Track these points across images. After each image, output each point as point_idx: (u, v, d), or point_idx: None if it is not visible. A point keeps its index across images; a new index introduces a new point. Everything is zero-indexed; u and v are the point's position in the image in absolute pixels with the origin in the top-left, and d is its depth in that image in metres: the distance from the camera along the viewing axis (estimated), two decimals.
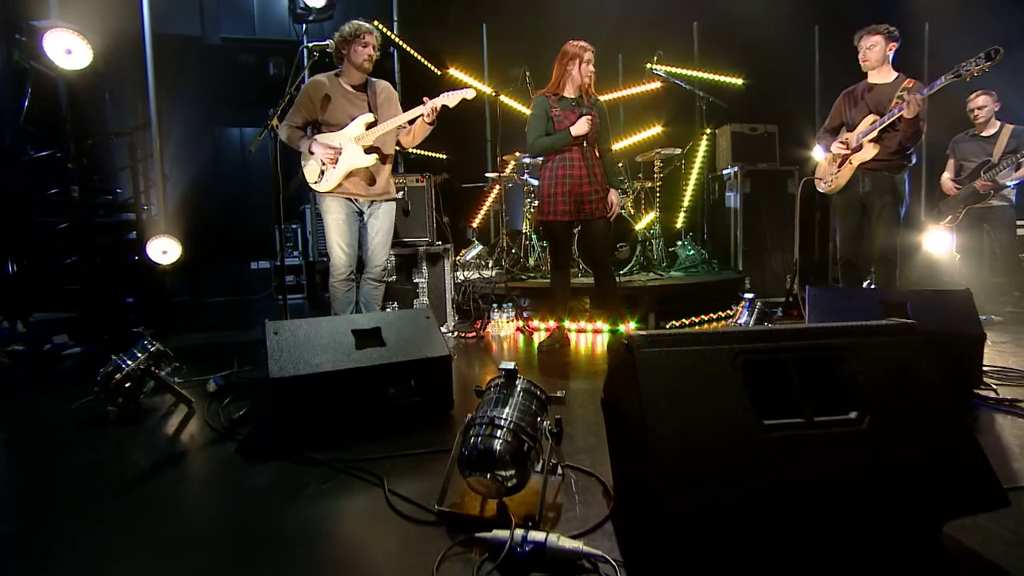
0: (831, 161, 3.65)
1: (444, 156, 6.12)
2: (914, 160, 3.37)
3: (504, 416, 1.40)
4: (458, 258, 5.14)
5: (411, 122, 3.11)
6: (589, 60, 3.25)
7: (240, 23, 5.89)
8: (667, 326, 4.03)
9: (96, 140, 4.65)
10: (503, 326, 4.02)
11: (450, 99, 2.99)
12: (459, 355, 3.47)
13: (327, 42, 2.91)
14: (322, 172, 3.08)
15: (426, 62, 5.98)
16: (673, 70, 5.43)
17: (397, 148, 3.34)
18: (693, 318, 4.23)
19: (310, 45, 2.82)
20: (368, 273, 3.32)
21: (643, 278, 4.53)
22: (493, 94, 5.38)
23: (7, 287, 4.58)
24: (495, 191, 6.41)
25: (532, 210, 5.34)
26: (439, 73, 5.99)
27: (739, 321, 2.64)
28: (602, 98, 3.45)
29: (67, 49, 3.41)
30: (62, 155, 4.03)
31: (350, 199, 3.16)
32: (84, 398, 2.39)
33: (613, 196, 3.34)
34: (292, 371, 1.90)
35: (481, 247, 5.22)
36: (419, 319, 2.24)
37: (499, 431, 1.36)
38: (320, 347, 2.00)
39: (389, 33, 5.50)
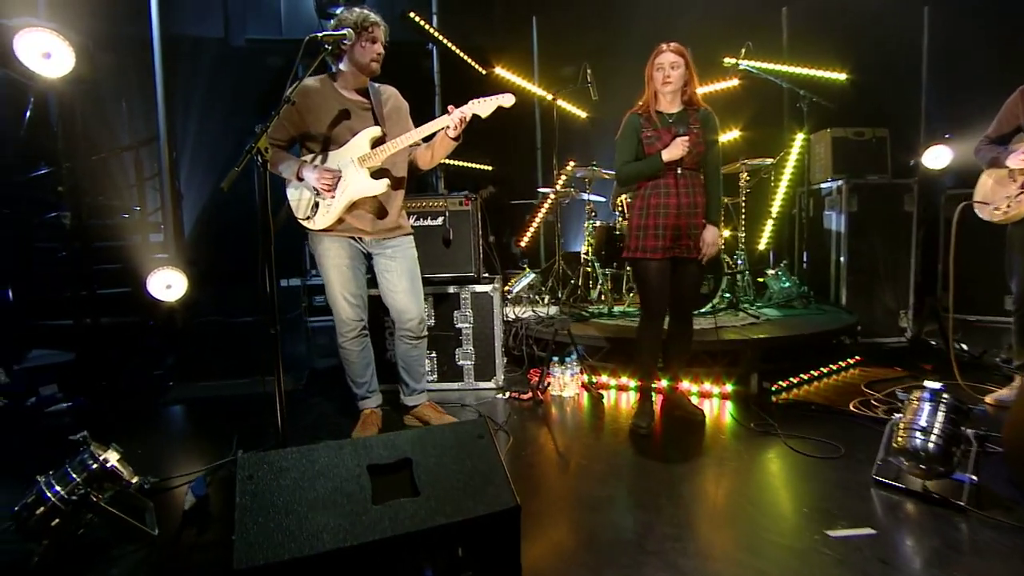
0: (1004, 180, 2.75)
1: (491, 167, 5.39)
2: None
3: None
4: (506, 289, 4.40)
5: (430, 135, 2.39)
6: (662, 65, 2.48)
7: (266, 23, 5.35)
8: (773, 388, 3.18)
9: (102, 156, 4.12)
10: (566, 384, 3.25)
11: (483, 107, 2.25)
12: (512, 428, 2.72)
13: (344, 31, 2.21)
14: (316, 204, 2.38)
15: (470, 60, 5.26)
16: (763, 65, 4.53)
17: (419, 170, 2.61)
18: (802, 375, 3.36)
19: (320, 35, 2.12)
20: (402, 329, 2.61)
21: (733, 319, 3.68)
22: (550, 97, 4.61)
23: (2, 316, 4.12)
24: (545, 206, 5.65)
25: (593, 229, 4.55)
26: (484, 72, 5.26)
27: (918, 421, 1.80)
28: None
29: (45, 53, 2.83)
30: (56, 175, 3.49)
31: (353, 238, 2.46)
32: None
33: (708, 234, 2.55)
34: (271, 555, 1.18)
35: (533, 275, 4.46)
36: (469, 441, 1.50)
37: None
38: (318, 500, 1.28)
39: (428, 27, 4.81)
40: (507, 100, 2.23)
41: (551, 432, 2.74)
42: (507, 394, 3.24)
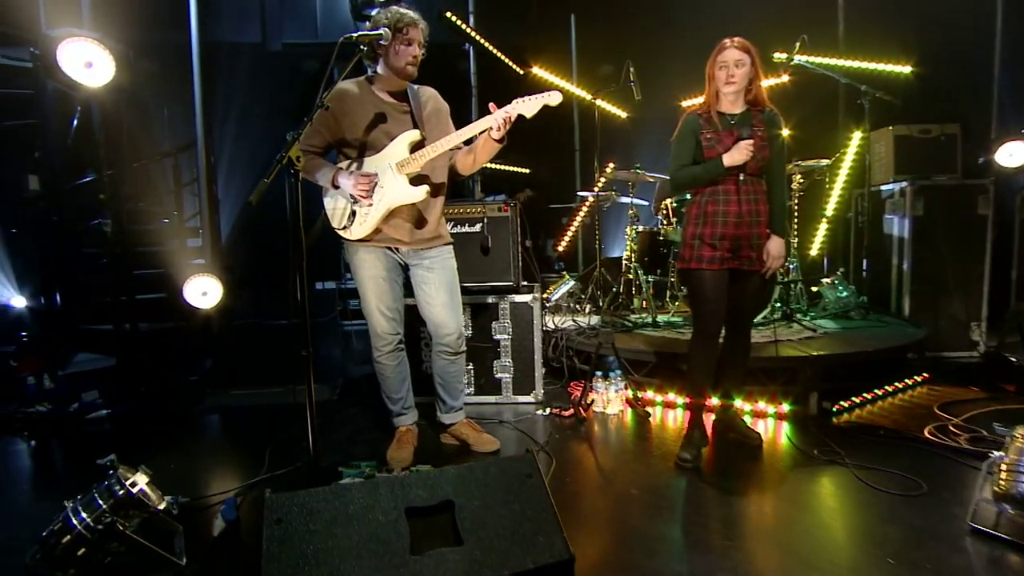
0: None
1: (528, 170, 5.24)
2: None
3: None
4: (544, 296, 4.25)
5: (472, 138, 2.25)
6: (726, 63, 2.27)
7: (302, 27, 5.34)
8: (834, 409, 2.93)
9: (143, 163, 4.16)
10: (610, 400, 3.08)
11: (528, 106, 2.09)
12: (555, 449, 2.57)
13: (380, 31, 2.10)
14: (352, 213, 2.28)
15: (507, 60, 5.12)
16: (820, 60, 4.25)
17: (459, 176, 2.48)
18: (865, 395, 3.09)
19: (355, 35, 2.01)
20: (440, 344, 2.49)
21: (787, 332, 3.44)
22: (589, 97, 4.44)
23: (51, 320, 4.20)
24: (583, 209, 5.47)
25: (637, 234, 4.35)
26: (521, 72, 5.12)
27: None
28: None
29: (87, 62, 2.82)
30: (99, 182, 3.51)
31: (390, 249, 2.35)
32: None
33: (772, 246, 2.35)
34: None
35: (573, 282, 4.29)
36: (516, 481, 1.36)
37: None
38: (351, 548, 1.16)
39: (465, 27, 4.70)
40: (554, 98, 2.08)
41: (596, 455, 2.58)
42: (547, 410, 3.08)
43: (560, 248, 5.50)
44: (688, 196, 2.52)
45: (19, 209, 4.41)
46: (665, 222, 4.09)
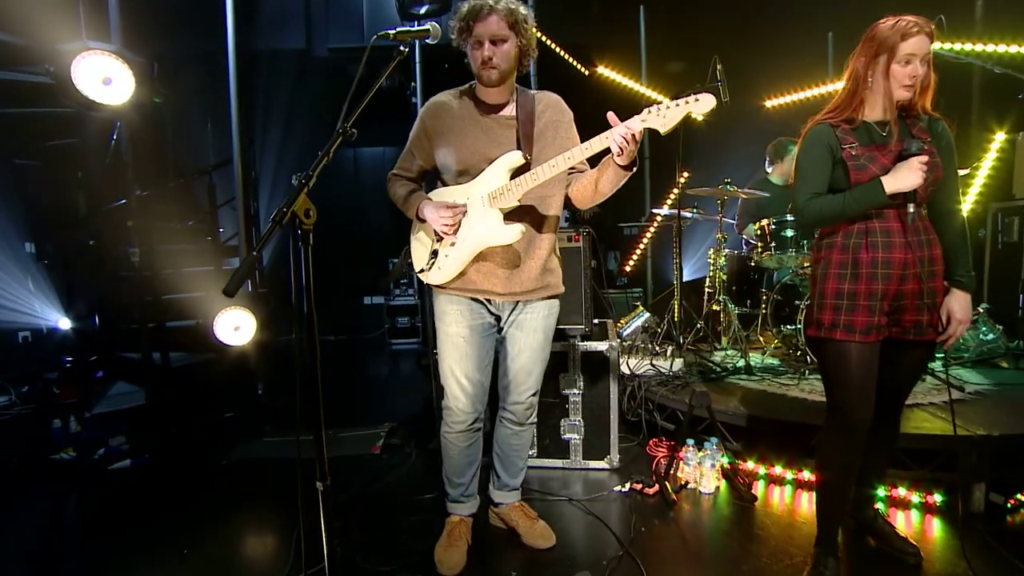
0: None
1: None
2: None
3: None
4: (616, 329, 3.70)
5: (590, 162, 1.75)
6: (914, 55, 1.62)
7: (349, 30, 5.01)
8: (1009, 504, 2.25)
9: (180, 182, 3.88)
10: (703, 475, 2.51)
11: (663, 117, 1.53)
12: (642, 550, 2.03)
13: (428, 27, 1.61)
14: (434, 253, 1.84)
15: (570, 59, 4.58)
16: (961, 47, 3.50)
17: (576, 209, 1.98)
18: None
19: (392, 32, 1.54)
20: (507, 411, 2.01)
21: (921, 388, 2.76)
22: (674, 104, 3.83)
23: (91, 345, 4.01)
24: (653, 227, 4.87)
25: (725, 260, 3.73)
26: (586, 73, 4.57)
27: None
28: (801, 95, 1.94)
29: (105, 78, 2.49)
30: (128, 207, 3.23)
31: (479, 300, 1.87)
32: None
33: (956, 305, 1.73)
34: None
35: (647, 315, 3.72)
36: None
37: None
38: None
39: None
40: (704, 103, 1.49)
41: (696, 560, 2.02)
42: (627, 485, 2.54)
43: (627, 269, 4.92)
44: (817, 233, 1.91)
45: (67, 231, 4.26)
46: (760, 245, 3.45)
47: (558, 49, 4.36)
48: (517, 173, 1.74)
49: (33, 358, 4.98)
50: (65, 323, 4.66)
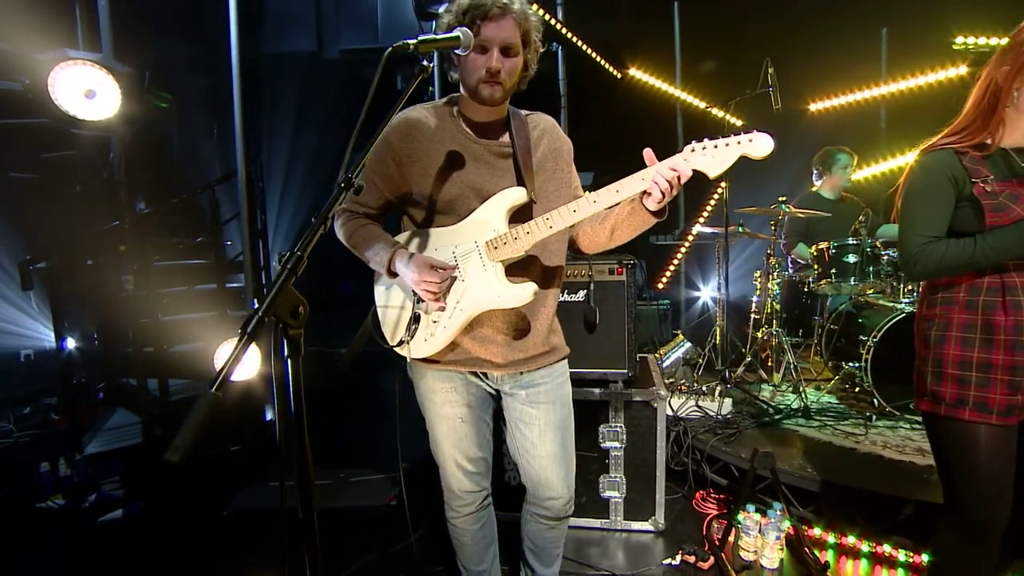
0: None
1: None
2: None
3: None
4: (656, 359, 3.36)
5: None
6: None
7: (362, 31, 4.71)
8: None
9: (182, 197, 3.61)
10: (766, 547, 2.18)
11: (713, 158, 1.23)
12: None
13: (457, 33, 1.28)
14: (415, 318, 1.47)
15: (601, 60, 4.23)
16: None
17: (581, 252, 1.65)
18: None
19: (411, 42, 1.20)
20: (540, 507, 1.66)
21: None
22: (721, 114, 3.50)
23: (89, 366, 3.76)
24: (687, 243, 4.52)
25: (778, 287, 3.38)
26: (618, 76, 4.22)
27: None
28: (850, 98, 1.90)
29: (88, 91, 2.21)
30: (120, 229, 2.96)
31: (474, 374, 1.55)
32: None
33: None
34: None
35: (688, 344, 3.38)
36: None
37: None
38: None
39: (554, 22, 3.84)
40: (760, 146, 1.21)
41: None
42: (677, 557, 2.21)
43: (660, 286, 4.58)
44: (924, 283, 1.56)
45: (65, 248, 4.01)
46: (818, 270, 3.09)
47: (588, 49, 4.01)
48: (516, 214, 1.41)
49: (35, 377, 4.79)
50: (70, 342, 4.45)
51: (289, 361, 0.90)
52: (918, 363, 1.51)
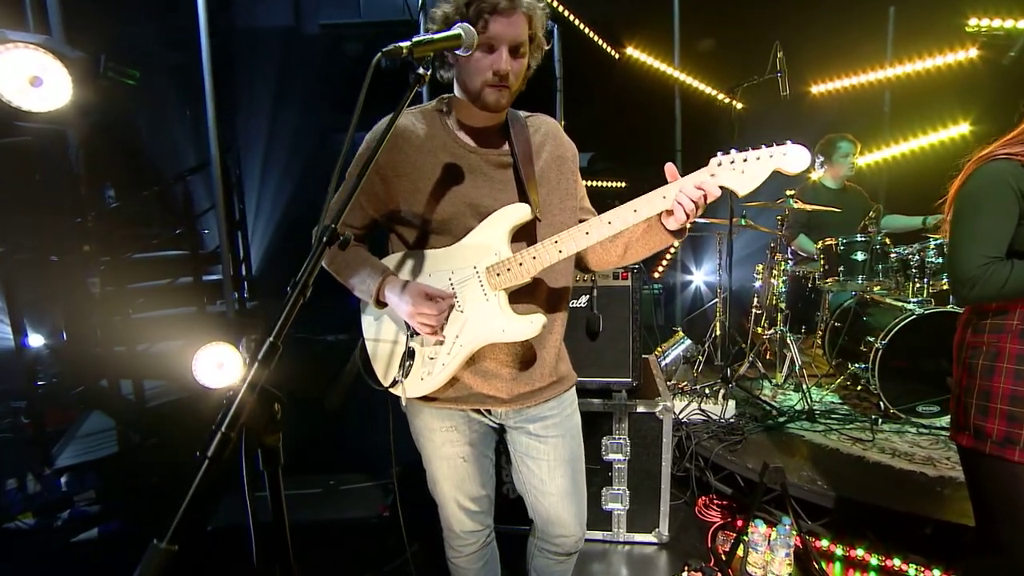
0: None
1: (623, 184, 4.17)
2: None
3: None
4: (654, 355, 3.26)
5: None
6: None
7: (342, 5, 4.42)
8: None
9: (154, 190, 3.37)
10: (773, 561, 2.11)
11: (746, 173, 1.10)
12: None
13: (458, 30, 1.07)
14: (410, 353, 1.31)
15: (597, 39, 4.00)
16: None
17: (587, 270, 1.51)
18: None
19: (404, 45, 1.02)
20: (550, 543, 1.54)
21: None
22: (726, 99, 3.33)
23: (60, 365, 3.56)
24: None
25: (784, 283, 3.26)
26: (615, 56, 4.01)
27: None
28: (854, 80, 1.85)
29: (34, 79, 1.97)
30: (80, 222, 2.73)
31: (476, 411, 1.40)
32: None
33: None
34: None
35: (688, 342, 3.27)
36: None
37: None
38: None
39: (552, 1, 3.62)
40: (795, 160, 1.07)
41: None
42: (686, 570, 2.14)
43: (656, 275, 4.46)
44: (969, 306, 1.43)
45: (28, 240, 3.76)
46: (824, 267, 2.98)
47: (584, 28, 3.78)
48: (519, 232, 1.26)
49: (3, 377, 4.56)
50: (36, 340, 4.21)
51: (268, 487, 0.75)
52: (958, 393, 1.40)
